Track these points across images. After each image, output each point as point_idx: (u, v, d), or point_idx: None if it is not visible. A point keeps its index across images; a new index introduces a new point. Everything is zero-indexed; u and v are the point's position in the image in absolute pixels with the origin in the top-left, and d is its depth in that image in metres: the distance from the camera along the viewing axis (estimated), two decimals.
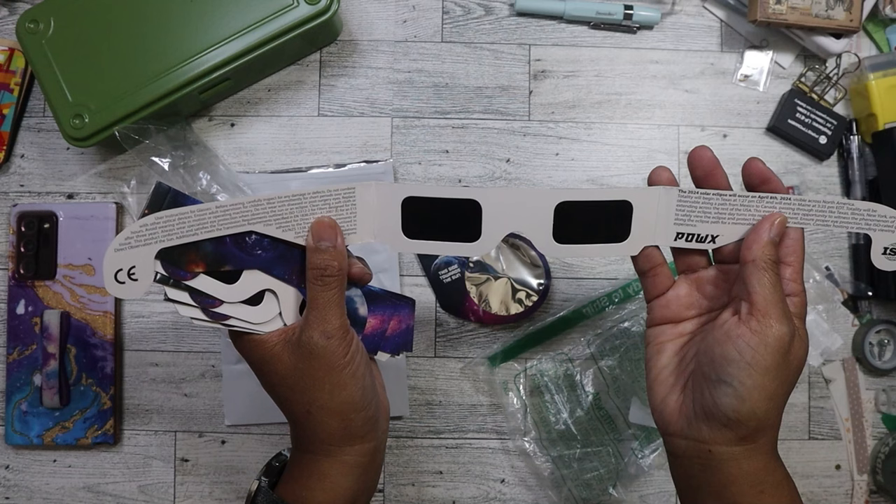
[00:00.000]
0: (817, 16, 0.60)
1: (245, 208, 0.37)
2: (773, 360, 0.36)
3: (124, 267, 0.35)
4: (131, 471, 0.62)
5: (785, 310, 0.37)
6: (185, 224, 0.36)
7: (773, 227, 0.38)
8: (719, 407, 0.37)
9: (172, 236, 0.36)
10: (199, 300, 0.37)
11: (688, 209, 0.40)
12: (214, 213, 0.36)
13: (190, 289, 0.37)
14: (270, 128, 0.64)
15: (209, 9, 0.58)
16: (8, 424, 0.61)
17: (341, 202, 0.39)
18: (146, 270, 0.35)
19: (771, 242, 0.38)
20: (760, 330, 0.36)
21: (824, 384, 0.63)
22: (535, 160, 0.64)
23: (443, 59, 0.65)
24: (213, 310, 0.37)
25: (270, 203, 0.37)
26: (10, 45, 0.62)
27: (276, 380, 0.39)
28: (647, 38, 0.65)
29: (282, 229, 0.38)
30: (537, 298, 0.62)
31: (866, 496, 0.63)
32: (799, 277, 0.39)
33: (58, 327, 0.60)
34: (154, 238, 0.35)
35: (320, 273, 0.38)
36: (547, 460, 0.61)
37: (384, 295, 0.46)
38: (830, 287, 0.62)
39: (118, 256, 0.34)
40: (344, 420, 0.39)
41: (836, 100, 0.65)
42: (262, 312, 0.39)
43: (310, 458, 0.40)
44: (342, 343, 0.38)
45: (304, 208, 0.38)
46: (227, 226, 0.37)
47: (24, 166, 0.64)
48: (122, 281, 0.35)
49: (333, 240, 0.39)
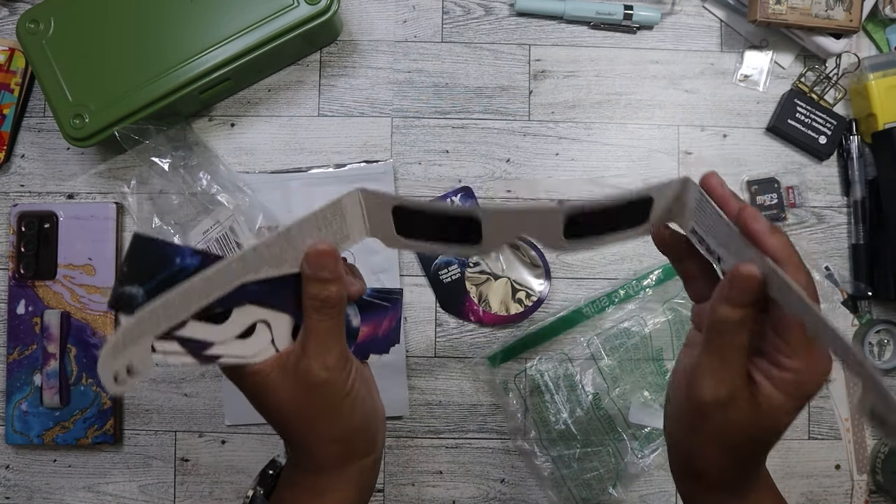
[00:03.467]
0: (817, 16, 0.60)
1: (231, 268, 0.33)
2: (693, 417, 0.35)
3: (120, 369, 0.32)
4: (131, 471, 0.62)
5: (722, 374, 0.33)
6: (171, 308, 0.32)
7: (741, 286, 0.32)
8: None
9: (161, 324, 0.33)
10: (189, 347, 0.34)
11: (704, 213, 0.36)
12: (199, 288, 0.33)
13: (178, 338, 0.34)
14: (270, 128, 0.64)
15: (209, 9, 0.58)
16: (8, 424, 0.61)
17: (329, 219, 0.37)
18: (143, 361, 0.33)
19: (734, 307, 0.33)
20: (685, 386, 0.35)
21: (824, 384, 0.63)
22: (535, 160, 0.64)
23: (443, 59, 0.65)
24: (204, 353, 0.35)
25: (257, 251, 0.34)
26: (11, 45, 0.62)
27: (272, 409, 0.37)
28: (647, 38, 0.65)
29: (275, 268, 0.35)
30: (537, 298, 0.62)
31: (866, 496, 0.63)
32: (798, 354, 0.33)
33: (58, 327, 0.60)
34: (143, 332, 0.32)
35: (320, 305, 0.36)
36: (547, 460, 0.61)
37: (374, 300, 0.44)
38: (830, 287, 0.62)
39: (111, 363, 0.31)
40: (345, 445, 0.38)
41: (836, 100, 0.65)
42: (254, 344, 0.36)
43: (309, 475, 0.39)
44: (342, 373, 0.37)
45: (292, 240, 0.35)
46: (216, 292, 0.33)
47: (24, 166, 0.64)
48: (121, 381, 0.32)
49: (333, 268, 0.36)
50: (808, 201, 0.64)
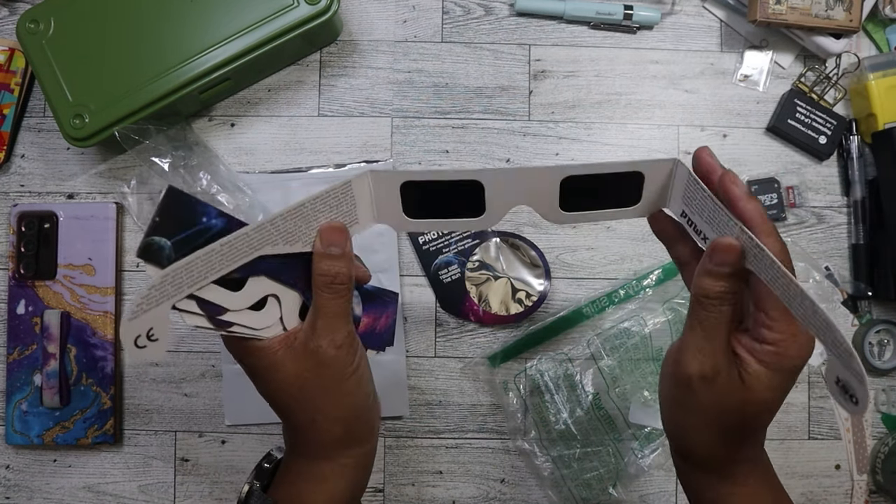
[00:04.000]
0: (817, 16, 0.60)
1: (250, 237, 0.36)
2: (680, 396, 0.36)
3: (142, 332, 0.33)
4: (131, 471, 0.62)
5: (705, 348, 0.34)
6: (193, 272, 0.34)
7: (719, 258, 0.34)
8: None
9: (183, 288, 0.34)
10: (206, 309, 0.36)
11: (692, 194, 0.38)
12: (221, 252, 0.35)
13: (197, 298, 0.36)
14: (270, 128, 0.64)
15: (209, 9, 0.58)
16: (8, 424, 0.61)
17: (340, 199, 0.39)
18: (164, 328, 0.34)
19: (715, 280, 0.34)
20: (673, 364, 0.37)
21: (824, 384, 0.63)
22: (535, 160, 0.64)
23: (443, 59, 0.65)
24: (218, 317, 0.37)
25: (274, 223, 0.36)
26: (11, 45, 0.62)
27: (278, 387, 0.38)
28: (647, 38, 0.65)
29: (289, 244, 0.37)
30: (537, 298, 0.62)
31: (866, 496, 0.63)
32: (778, 325, 0.34)
33: (58, 327, 0.60)
34: (165, 295, 0.34)
35: (330, 280, 0.37)
36: (547, 460, 0.61)
37: (375, 293, 0.45)
38: (830, 287, 0.62)
39: (134, 325, 0.33)
40: (347, 427, 0.39)
41: (836, 100, 0.65)
42: (264, 318, 0.38)
43: (307, 462, 0.40)
44: (350, 351, 0.38)
45: (306, 216, 0.37)
46: (236, 260, 0.36)
47: (24, 166, 0.64)
48: (142, 346, 0.34)
49: (343, 245, 0.37)
50: (808, 201, 0.64)
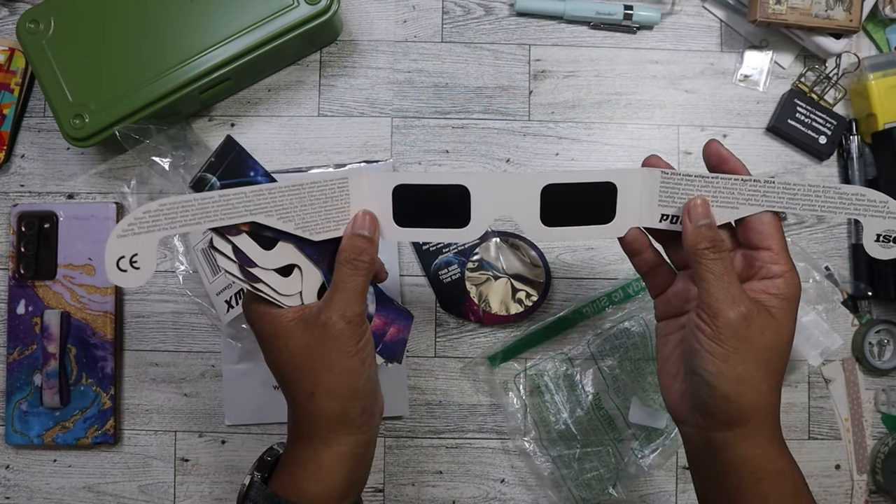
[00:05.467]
0: (817, 16, 0.60)
1: (247, 197, 0.37)
2: (730, 346, 0.37)
3: (126, 254, 0.34)
4: (131, 471, 0.62)
5: (732, 293, 0.37)
6: (188, 212, 0.36)
7: (694, 215, 0.39)
8: (698, 395, 0.39)
9: (175, 224, 0.36)
10: (239, 257, 0.38)
11: (671, 191, 0.40)
12: (217, 203, 0.36)
13: (233, 244, 0.38)
14: (270, 128, 0.64)
15: (209, 9, 0.58)
16: (8, 424, 0.61)
17: (336, 192, 0.40)
18: (148, 259, 0.35)
19: (697, 230, 0.38)
20: (709, 319, 0.37)
21: (824, 384, 0.63)
22: (535, 160, 0.64)
23: (443, 59, 0.65)
24: (248, 269, 0.38)
25: (271, 193, 0.38)
26: (11, 45, 0.62)
27: (285, 357, 0.40)
28: (646, 38, 0.65)
29: (282, 220, 0.39)
30: (537, 298, 0.62)
31: (866, 496, 0.63)
32: (781, 258, 0.39)
33: (58, 327, 0.60)
34: (157, 225, 0.35)
35: (354, 255, 0.39)
36: (547, 460, 0.61)
37: (391, 300, 0.47)
38: (830, 287, 0.62)
39: (120, 243, 0.34)
40: (344, 405, 0.40)
41: (836, 100, 0.65)
42: (287, 286, 0.40)
43: (305, 445, 0.40)
44: (358, 329, 0.39)
45: (302, 199, 0.39)
46: (230, 215, 0.37)
47: (24, 166, 0.64)
48: (123, 269, 0.35)
49: (373, 231, 0.41)
50: None
